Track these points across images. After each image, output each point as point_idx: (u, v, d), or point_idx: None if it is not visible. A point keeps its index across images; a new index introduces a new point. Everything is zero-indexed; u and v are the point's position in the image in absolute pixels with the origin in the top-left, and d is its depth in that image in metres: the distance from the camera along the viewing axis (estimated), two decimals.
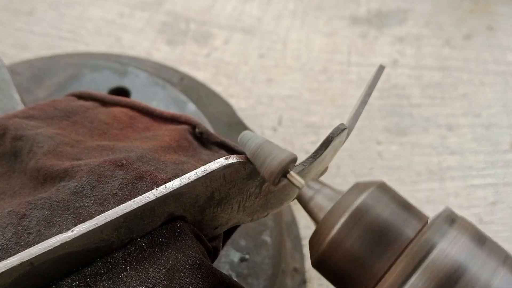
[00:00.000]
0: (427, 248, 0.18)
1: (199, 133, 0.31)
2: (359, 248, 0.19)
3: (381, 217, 0.19)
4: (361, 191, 0.20)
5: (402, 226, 0.19)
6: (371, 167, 0.56)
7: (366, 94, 0.28)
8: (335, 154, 0.31)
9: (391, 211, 0.19)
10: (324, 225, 0.20)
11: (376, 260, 0.19)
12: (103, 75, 0.49)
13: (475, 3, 0.76)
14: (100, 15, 0.74)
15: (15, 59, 0.61)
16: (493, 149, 0.58)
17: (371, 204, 0.19)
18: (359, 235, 0.19)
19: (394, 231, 0.19)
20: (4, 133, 0.28)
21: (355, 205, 0.19)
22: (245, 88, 0.64)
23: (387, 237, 0.19)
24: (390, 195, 0.20)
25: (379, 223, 0.19)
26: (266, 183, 0.26)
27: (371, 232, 0.19)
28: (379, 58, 0.68)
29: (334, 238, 0.19)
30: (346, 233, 0.19)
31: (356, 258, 0.19)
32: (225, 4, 0.76)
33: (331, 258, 0.20)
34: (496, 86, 0.64)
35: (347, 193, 0.21)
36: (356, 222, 0.19)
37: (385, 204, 0.20)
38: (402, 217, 0.19)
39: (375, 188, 0.20)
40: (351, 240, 0.19)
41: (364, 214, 0.19)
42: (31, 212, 0.23)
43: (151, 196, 0.21)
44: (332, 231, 0.19)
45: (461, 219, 0.19)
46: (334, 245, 0.19)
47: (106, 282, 0.21)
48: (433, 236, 0.18)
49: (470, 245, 0.18)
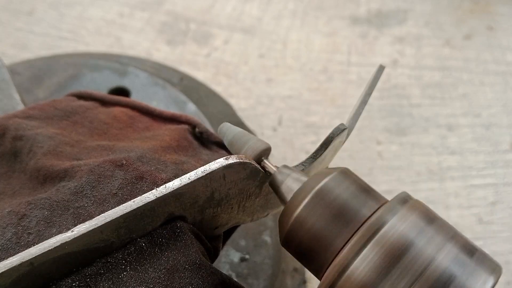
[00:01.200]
0: (378, 225, 0.20)
1: (199, 133, 0.31)
2: (320, 225, 0.21)
3: (341, 197, 0.21)
4: (325, 175, 0.22)
5: (360, 206, 0.21)
6: (371, 167, 0.56)
7: (366, 94, 0.28)
8: (335, 154, 0.31)
9: (350, 193, 0.21)
10: (291, 205, 0.22)
11: (336, 237, 0.21)
12: (103, 75, 0.49)
13: (475, 3, 0.76)
14: (100, 15, 0.74)
15: (15, 59, 0.61)
16: (493, 149, 0.58)
17: (332, 186, 0.22)
18: (320, 214, 0.21)
19: (352, 210, 0.21)
20: (4, 133, 0.28)
21: (318, 187, 0.22)
22: (245, 88, 0.64)
23: (345, 216, 0.21)
24: (351, 179, 0.22)
25: (339, 203, 0.21)
26: (266, 183, 0.26)
27: (331, 211, 0.21)
28: (379, 58, 0.68)
29: (298, 216, 0.21)
30: (309, 211, 0.21)
31: (317, 234, 0.21)
32: (225, 4, 0.76)
33: (296, 235, 0.22)
34: (496, 86, 0.64)
35: (312, 177, 0.23)
36: (318, 202, 0.21)
37: (345, 187, 0.22)
38: (361, 198, 0.21)
39: (337, 173, 0.22)
40: (313, 218, 0.21)
41: (325, 195, 0.21)
42: (31, 212, 0.23)
43: (151, 196, 0.21)
44: (297, 210, 0.21)
45: (414, 201, 0.21)
46: (299, 223, 0.21)
47: (106, 282, 0.21)
48: (385, 214, 0.20)
49: (419, 222, 0.20)
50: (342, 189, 0.21)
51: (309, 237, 0.21)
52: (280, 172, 0.24)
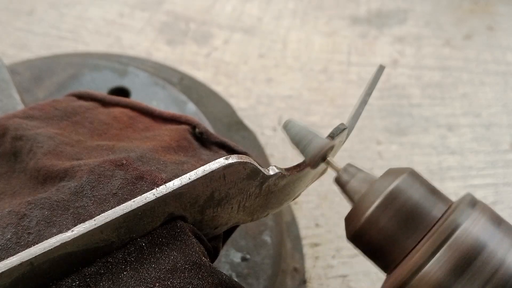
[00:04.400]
0: (452, 228, 0.20)
1: (199, 133, 0.31)
2: (392, 226, 0.22)
3: (412, 200, 0.22)
4: (394, 177, 0.23)
5: (430, 208, 0.22)
6: (371, 167, 0.56)
7: (366, 94, 0.28)
8: (335, 154, 0.31)
9: (420, 195, 0.22)
10: (361, 205, 0.23)
11: (406, 237, 0.21)
12: (103, 75, 0.49)
13: (475, 3, 0.76)
14: (100, 15, 0.74)
15: (15, 59, 0.61)
16: (493, 149, 0.58)
17: (403, 188, 0.22)
18: (392, 215, 0.22)
19: (423, 212, 0.22)
20: (4, 133, 0.28)
21: (390, 189, 0.22)
22: (245, 88, 0.64)
23: (416, 218, 0.22)
24: (419, 180, 0.23)
25: (410, 205, 0.22)
26: (266, 183, 0.26)
27: (402, 213, 0.22)
28: (379, 58, 0.68)
29: (370, 216, 0.22)
30: (381, 212, 0.22)
31: (388, 235, 0.22)
32: (225, 4, 0.76)
33: (366, 234, 0.22)
34: (496, 86, 0.64)
35: (381, 178, 0.23)
36: (390, 204, 0.22)
37: (415, 189, 0.22)
38: (430, 200, 0.22)
39: (406, 174, 0.23)
40: (385, 219, 0.22)
41: (397, 197, 0.22)
42: (31, 212, 0.23)
43: (151, 196, 0.21)
44: (369, 210, 0.22)
45: (481, 203, 0.22)
46: (370, 223, 0.22)
47: (106, 282, 0.21)
48: (457, 217, 0.21)
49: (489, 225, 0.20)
50: (413, 191, 0.22)
51: (380, 237, 0.22)
52: (345, 171, 0.25)
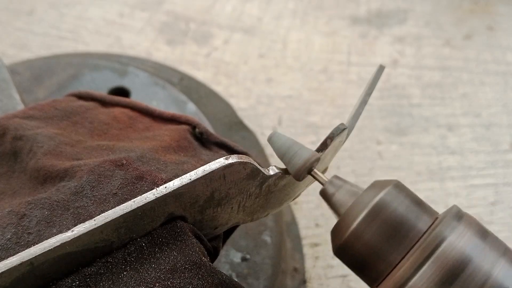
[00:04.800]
0: (437, 241, 0.20)
1: (199, 133, 0.31)
2: (377, 239, 0.21)
3: (397, 212, 0.21)
4: (379, 189, 0.22)
5: (415, 221, 0.21)
6: (371, 167, 0.56)
7: (366, 94, 0.28)
8: (335, 154, 0.31)
9: (405, 208, 0.22)
10: (346, 218, 0.22)
11: (392, 251, 0.21)
12: (103, 75, 0.49)
13: (475, 3, 0.76)
14: (100, 15, 0.74)
15: (15, 59, 0.61)
16: (493, 149, 0.58)
17: (388, 201, 0.22)
18: (377, 228, 0.21)
19: (408, 225, 0.21)
20: (4, 133, 0.28)
21: (374, 202, 0.22)
22: (245, 88, 0.64)
23: (401, 231, 0.21)
24: (405, 193, 0.22)
25: (395, 218, 0.21)
26: (266, 183, 0.26)
27: (387, 226, 0.21)
28: (379, 58, 0.68)
29: (355, 230, 0.22)
30: (366, 226, 0.22)
31: (373, 248, 0.21)
32: (225, 4, 0.76)
33: (352, 247, 0.22)
34: (496, 86, 0.64)
35: (367, 191, 0.23)
36: (375, 217, 0.21)
37: (400, 201, 0.22)
38: (415, 213, 0.22)
39: (392, 187, 0.22)
40: (370, 233, 0.21)
41: (382, 210, 0.22)
42: (31, 212, 0.23)
43: (151, 196, 0.21)
44: (353, 223, 0.22)
45: (467, 216, 0.21)
46: (355, 236, 0.22)
47: (106, 282, 0.21)
48: (443, 231, 0.20)
49: (475, 239, 0.20)
50: (397, 203, 0.22)
51: (365, 251, 0.22)
52: (331, 183, 0.24)
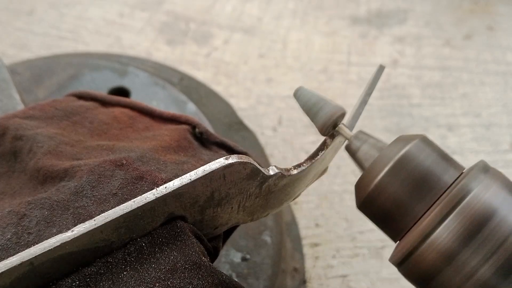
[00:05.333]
0: (462, 194, 0.20)
1: (199, 133, 0.31)
2: (402, 192, 0.21)
3: (423, 165, 0.21)
4: (405, 143, 0.22)
5: (441, 174, 0.21)
6: None
7: (366, 94, 0.28)
8: (335, 154, 0.31)
9: (431, 161, 0.22)
10: (371, 171, 0.22)
11: (416, 203, 0.21)
12: (103, 75, 0.49)
13: (475, 3, 0.76)
14: (100, 15, 0.74)
15: (15, 59, 0.61)
16: (493, 149, 0.58)
17: (414, 153, 0.22)
18: (402, 181, 0.21)
19: (434, 178, 0.21)
20: (4, 133, 0.28)
21: (400, 154, 0.22)
22: (245, 88, 0.64)
23: (427, 183, 0.21)
24: (431, 147, 0.22)
25: (421, 171, 0.21)
26: (266, 183, 0.26)
27: (413, 178, 0.21)
28: (379, 58, 0.68)
29: (379, 183, 0.22)
30: (391, 178, 0.22)
31: (398, 200, 0.21)
32: (225, 4, 0.76)
33: (376, 200, 0.22)
34: (496, 86, 0.64)
35: (392, 144, 0.23)
36: (400, 169, 0.21)
37: (426, 154, 0.22)
38: (441, 166, 0.22)
39: (418, 140, 0.22)
40: (395, 185, 0.21)
41: (408, 163, 0.21)
42: (31, 212, 0.23)
43: (151, 196, 0.21)
44: (378, 176, 0.22)
45: (494, 170, 0.22)
46: (379, 189, 0.22)
47: (106, 282, 0.21)
48: (468, 183, 0.20)
49: (501, 191, 0.20)
50: (424, 156, 0.22)
51: (389, 204, 0.21)
52: (356, 137, 0.24)
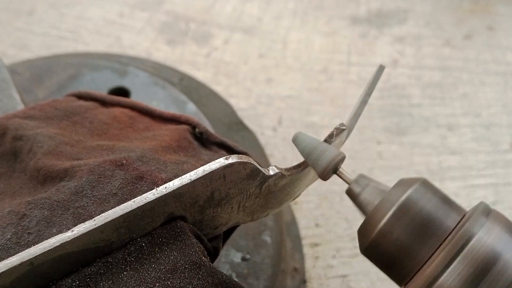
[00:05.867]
0: (466, 238, 0.20)
1: (199, 133, 0.31)
2: (405, 237, 0.21)
3: (425, 210, 0.21)
4: (407, 187, 0.22)
5: (443, 218, 0.21)
6: (371, 167, 0.56)
7: (366, 94, 0.28)
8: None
9: (433, 205, 0.22)
10: (374, 217, 0.22)
11: (420, 248, 0.21)
12: (103, 75, 0.49)
13: (475, 3, 0.76)
14: (100, 15, 0.74)
15: (15, 59, 0.61)
16: (493, 149, 0.58)
17: (416, 198, 0.22)
18: (405, 226, 0.21)
19: (437, 223, 0.21)
20: (4, 133, 0.28)
21: (402, 199, 0.22)
22: (245, 88, 0.64)
23: (430, 228, 0.21)
24: (432, 190, 0.22)
25: (423, 216, 0.21)
26: (266, 183, 0.26)
27: (416, 224, 0.21)
28: (379, 58, 0.68)
29: (383, 228, 0.22)
30: (394, 224, 0.21)
31: (402, 246, 0.21)
32: (225, 4, 0.76)
33: (380, 246, 0.22)
34: (496, 86, 0.64)
35: (393, 189, 0.23)
36: (402, 214, 0.21)
37: (428, 199, 0.22)
38: (443, 210, 0.22)
39: (419, 184, 0.22)
40: (398, 231, 0.21)
41: (410, 208, 0.21)
42: (31, 212, 0.23)
43: (151, 196, 0.21)
44: (381, 222, 0.22)
45: (495, 212, 0.22)
46: (383, 235, 0.22)
47: (106, 282, 0.21)
48: (471, 227, 0.20)
49: (504, 234, 0.20)
50: (425, 201, 0.22)
51: (393, 249, 0.22)
52: (357, 182, 0.24)
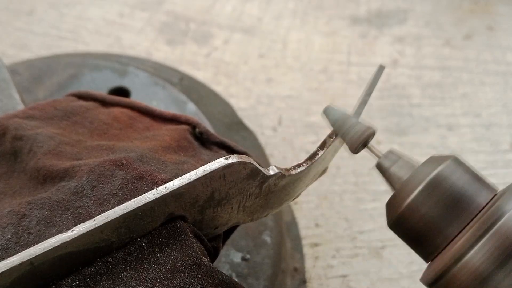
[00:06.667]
0: (497, 216, 0.20)
1: (199, 133, 0.31)
2: (434, 213, 0.21)
3: (456, 186, 0.21)
4: (438, 163, 0.22)
5: (474, 195, 0.21)
6: (371, 167, 0.56)
7: (366, 94, 0.28)
8: (335, 154, 0.31)
9: (464, 182, 0.21)
10: (403, 191, 0.22)
11: (449, 224, 0.21)
12: (103, 75, 0.49)
13: (475, 3, 0.76)
14: (100, 15, 0.74)
15: (15, 59, 0.61)
16: (493, 149, 0.58)
17: (447, 174, 0.21)
18: (434, 202, 0.21)
19: (467, 199, 0.21)
20: (4, 133, 0.28)
21: (433, 175, 0.21)
22: (245, 88, 0.64)
23: (460, 204, 0.21)
24: (464, 167, 0.22)
25: (454, 192, 0.21)
26: (266, 183, 0.26)
27: (445, 199, 0.21)
28: (379, 58, 0.68)
29: (411, 203, 0.22)
30: (423, 199, 0.21)
31: (430, 221, 0.21)
32: (225, 4, 0.76)
33: (408, 220, 0.22)
34: (496, 86, 0.64)
35: (424, 164, 0.23)
36: (433, 190, 0.21)
37: (459, 175, 0.22)
38: (475, 187, 0.21)
39: (451, 161, 0.22)
40: (427, 206, 0.21)
41: (440, 183, 0.21)
42: (31, 212, 0.23)
43: (151, 196, 0.21)
44: (410, 196, 0.21)
45: None
46: (411, 209, 0.22)
47: (106, 282, 0.21)
48: (502, 205, 0.20)
49: None
50: (456, 177, 0.21)
51: (421, 224, 0.21)
52: (386, 157, 0.24)
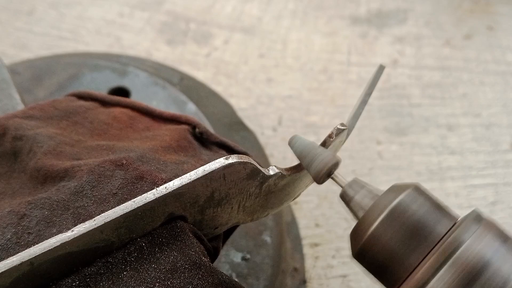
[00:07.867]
0: (456, 244, 0.20)
1: (199, 133, 0.31)
2: (395, 242, 0.21)
3: (416, 215, 0.21)
4: (399, 192, 0.22)
5: (434, 224, 0.21)
6: (371, 167, 0.56)
7: (366, 94, 0.28)
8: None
9: (425, 210, 0.21)
10: (365, 221, 0.22)
11: (410, 254, 0.21)
12: (103, 75, 0.49)
13: (475, 3, 0.76)
14: (100, 15, 0.74)
15: (15, 59, 0.61)
16: (493, 149, 0.58)
17: (407, 203, 0.22)
18: (395, 231, 0.21)
19: (427, 228, 0.21)
20: (4, 133, 0.28)
21: (393, 204, 0.22)
22: (245, 88, 0.64)
23: (420, 234, 0.21)
24: (424, 196, 0.22)
25: (414, 221, 0.21)
26: (266, 183, 0.26)
27: (406, 229, 0.21)
28: (379, 58, 0.68)
29: (373, 233, 0.22)
30: (384, 228, 0.21)
31: (392, 251, 0.21)
32: (225, 4, 0.76)
33: (370, 250, 0.22)
34: (496, 86, 0.64)
35: (386, 193, 0.23)
36: (393, 219, 0.21)
37: (419, 204, 0.22)
38: (435, 216, 0.21)
39: (411, 190, 0.22)
40: (388, 235, 0.21)
41: (401, 212, 0.21)
42: (31, 212, 0.23)
43: (151, 196, 0.21)
44: (372, 226, 0.22)
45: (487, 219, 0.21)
46: (373, 239, 0.22)
47: (106, 282, 0.21)
48: (461, 234, 0.20)
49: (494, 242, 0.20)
50: (417, 206, 0.22)
51: (384, 254, 0.21)
52: (350, 186, 0.24)
